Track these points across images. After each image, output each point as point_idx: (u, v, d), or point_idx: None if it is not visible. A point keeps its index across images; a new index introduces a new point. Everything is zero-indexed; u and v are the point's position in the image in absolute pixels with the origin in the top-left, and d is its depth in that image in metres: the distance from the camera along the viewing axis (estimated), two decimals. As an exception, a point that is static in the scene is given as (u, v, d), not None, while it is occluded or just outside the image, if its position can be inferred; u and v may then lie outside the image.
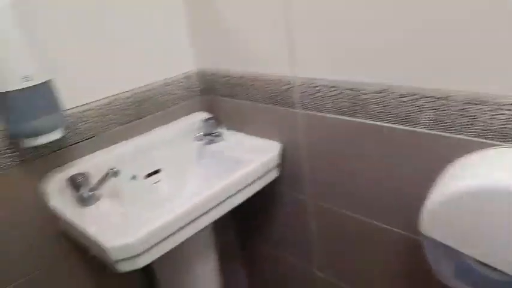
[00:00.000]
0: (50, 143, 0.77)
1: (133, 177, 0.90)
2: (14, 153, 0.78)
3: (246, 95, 0.97)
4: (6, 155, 0.77)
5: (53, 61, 0.77)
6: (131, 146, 0.94)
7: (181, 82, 1.05)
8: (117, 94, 0.92)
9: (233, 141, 1.02)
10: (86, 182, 0.80)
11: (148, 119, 1.00)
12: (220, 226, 1.23)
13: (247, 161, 0.87)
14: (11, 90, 0.69)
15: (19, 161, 0.79)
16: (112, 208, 0.80)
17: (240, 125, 1.04)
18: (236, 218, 1.29)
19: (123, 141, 0.95)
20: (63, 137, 0.80)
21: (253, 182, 0.87)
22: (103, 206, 0.80)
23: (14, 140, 0.76)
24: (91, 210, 0.79)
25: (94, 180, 0.81)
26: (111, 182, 0.82)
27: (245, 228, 1.27)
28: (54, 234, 0.86)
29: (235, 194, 0.82)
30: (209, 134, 1.03)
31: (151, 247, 0.68)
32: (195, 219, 0.74)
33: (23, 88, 0.70)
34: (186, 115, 1.08)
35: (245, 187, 0.84)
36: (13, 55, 0.69)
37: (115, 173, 0.81)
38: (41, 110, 0.74)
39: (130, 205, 0.82)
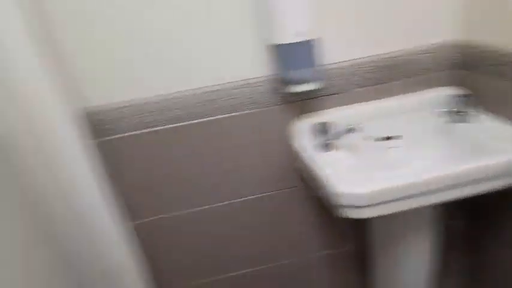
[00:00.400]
0: (307, 91, 0.90)
1: (371, 138, 0.94)
2: (280, 95, 0.94)
3: (514, 75, 0.83)
4: (275, 94, 0.94)
5: (319, 22, 0.86)
6: (372, 107, 0.98)
7: (434, 52, 0.98)
8: (369, 57, 0.96)
9: (484, 124, 0.90)
10: (328, 131, 0.90)
11: (391, 85, 1.00)
12: (450, 212, 1.14)
13: (499, 150, 0.77)
14: (286, 43, 0.83)
15: (281, 102, 0.95)
16: (346, 159, 0.87)
17: (497, 108, 0.90)
18: (470, 209, 1.17)
19: (365, 102, 0.99)
20: (317, 88, 0.91)
21: (501, 176, 0.75)
22: (339, 155, 0.88)
23: (282, 84, 0.92)
24: (328, 156, 0.88)
25: (334, 131, 0.90)
26: (350, 136, 0.89)
27: (478, 223, 1.14)
28: (291, 168, 1.03)
29: (475, 182, 0.74)
30: (455, 112, 0.95)
31: (378, 204, 0.71)
32: (425, 193, 0.73)
33: (295, 42, 0.83)
34: (431, 87, 1.02)
35: (489, 179, 0.75)
36: (291, 11, 0.80)
37: (354, 129, 0.87)
38: (305, 62, 0.86)
39: (363, 161, 0.88)
